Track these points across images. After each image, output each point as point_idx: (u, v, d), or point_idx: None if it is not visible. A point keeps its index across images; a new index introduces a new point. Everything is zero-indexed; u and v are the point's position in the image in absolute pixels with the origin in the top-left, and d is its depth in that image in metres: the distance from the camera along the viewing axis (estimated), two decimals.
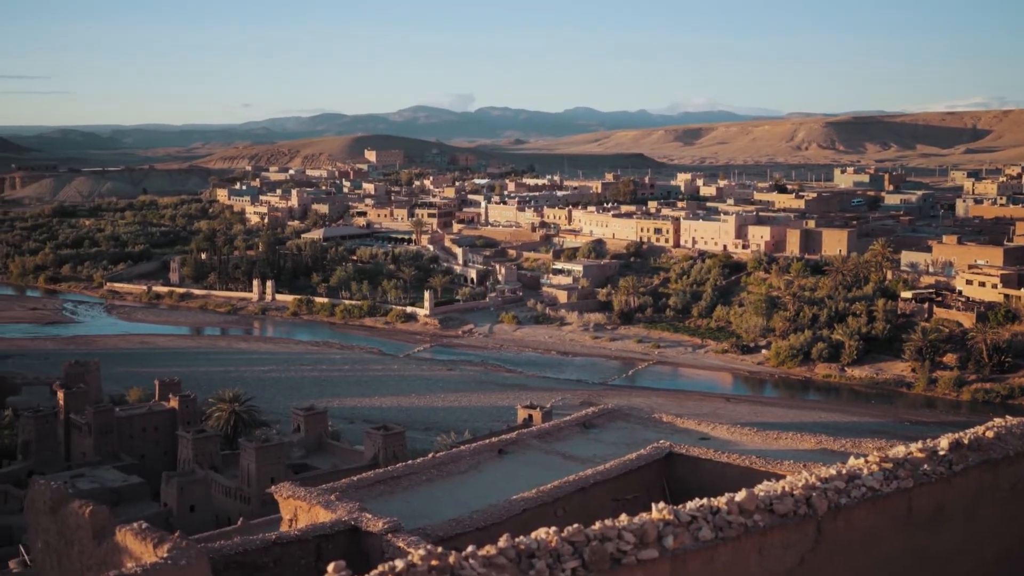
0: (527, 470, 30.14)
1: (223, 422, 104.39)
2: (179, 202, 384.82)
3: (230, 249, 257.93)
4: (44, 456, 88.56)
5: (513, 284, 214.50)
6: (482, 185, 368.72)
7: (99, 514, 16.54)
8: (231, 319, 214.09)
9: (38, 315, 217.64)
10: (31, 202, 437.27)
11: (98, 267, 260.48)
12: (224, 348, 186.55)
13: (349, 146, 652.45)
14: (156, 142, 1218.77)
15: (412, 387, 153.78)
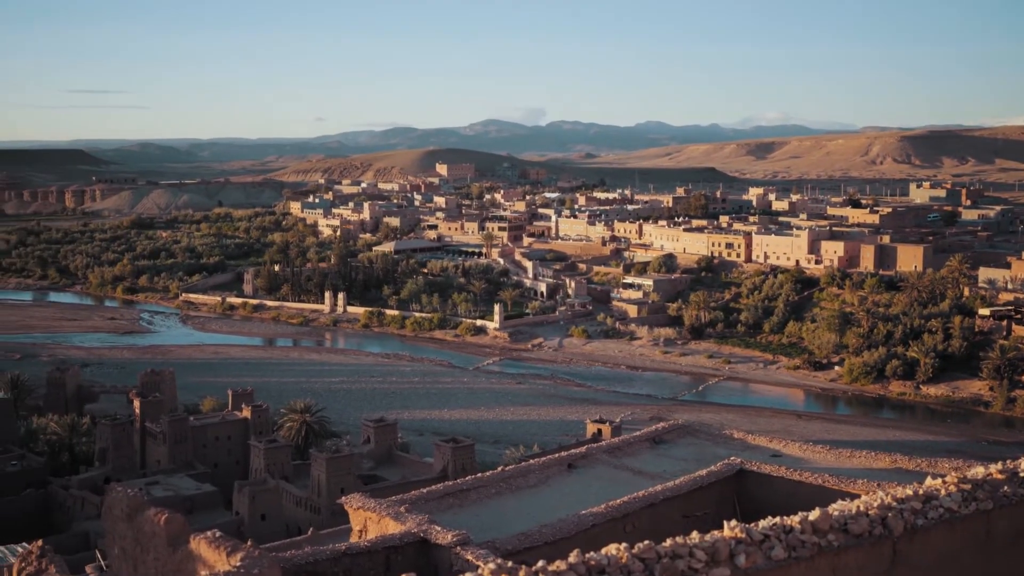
0: (596, 485, 29.99)
1: (294, 432, 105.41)
2: (253, 214, 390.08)
3: (303, 261, 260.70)
4: (120, 463, 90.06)
5: (583, 298, 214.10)
6: (553, 199, 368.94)
7: (174, 522, 16.76)
8: (303, 331, 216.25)
9: (116, 325, 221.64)
10: (110, 214, 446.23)
11: (174, 278, 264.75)
12: (296, 359, 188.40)
13: (421, 160, 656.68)
14: (232, 155, 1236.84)
15: (481, 400, 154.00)
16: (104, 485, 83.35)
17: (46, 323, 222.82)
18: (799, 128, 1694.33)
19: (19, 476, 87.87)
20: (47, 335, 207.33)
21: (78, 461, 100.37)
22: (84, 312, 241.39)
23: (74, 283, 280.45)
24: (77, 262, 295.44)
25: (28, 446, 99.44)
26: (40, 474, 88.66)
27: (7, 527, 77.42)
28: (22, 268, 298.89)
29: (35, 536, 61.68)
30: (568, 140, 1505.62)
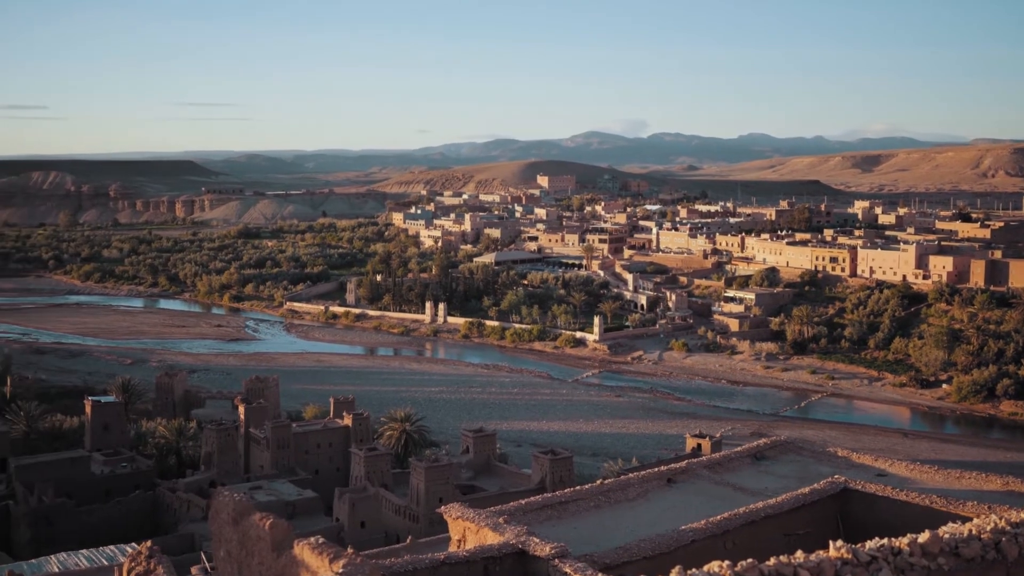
0: (696, 500, 29.69)
1: (394, 441, 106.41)
2: (356, 225, 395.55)
3: (404, 271, 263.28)
4: (225, 468, 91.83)
5: (683, 311, 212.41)
6: (654, 211, 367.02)
7: (279, 527, 17.02)
8: (404, 340, 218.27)
9: (222, 332, 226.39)
10: (218, 223, 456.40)
11: (279, 287, 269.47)
12: (396, 368, 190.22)
13: (522, 171, 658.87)
14: (336, 167, 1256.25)
15: (580, 412, 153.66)
16: (209, 489, 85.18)
17: (156, 329, 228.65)
18: (907, 140, 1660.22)
19: (129, 478, 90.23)
20: (157, 341, 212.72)
21: (184, 464, 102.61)
22: (192, 319, 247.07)
23: (183, 291, 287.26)
24: (186, 270, 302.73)
25: (137, 449, 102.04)
26: (149, 476, 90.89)
27: (117, 527, 79.53)
28: (134, 275, 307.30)
29: (143, 536, 63.28)
30: (670, 152, 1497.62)
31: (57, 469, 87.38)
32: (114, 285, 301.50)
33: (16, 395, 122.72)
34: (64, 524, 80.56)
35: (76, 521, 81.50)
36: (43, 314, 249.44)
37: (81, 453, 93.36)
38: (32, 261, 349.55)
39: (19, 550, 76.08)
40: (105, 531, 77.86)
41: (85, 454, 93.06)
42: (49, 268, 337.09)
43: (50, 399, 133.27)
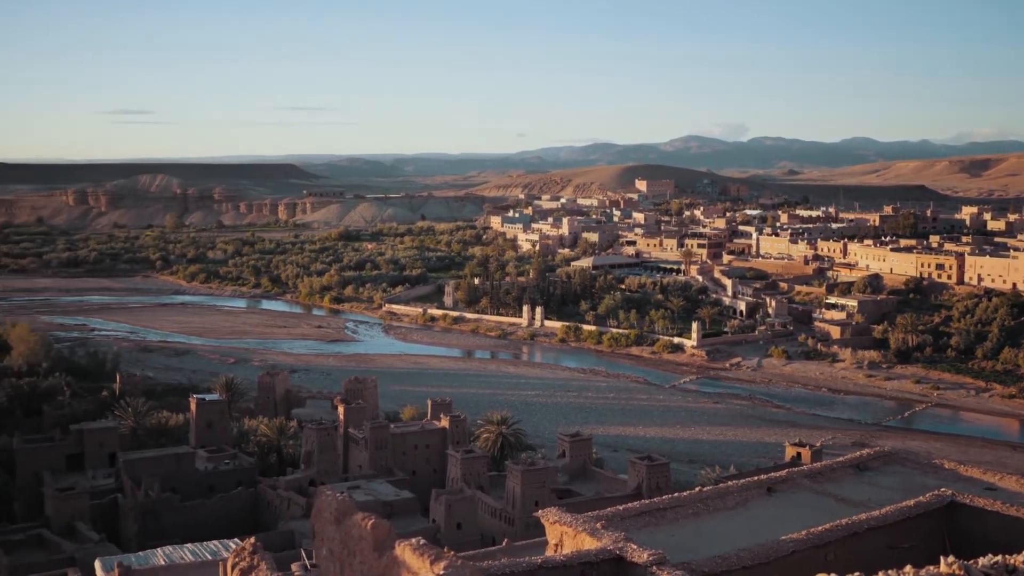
0: (796, 510, 29.24)
1: (491, 443, 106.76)
2: (455, 228, 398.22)
3: (502, 275, 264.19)
4: (324, 467, 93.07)
5: (783, 317, 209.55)
6: (753, 216, 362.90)
7: (381, 527, 17.20)
8: (501, 343, 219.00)
9: (323, 333, 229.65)
10: (319, 226, 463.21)
11: (378, 289, 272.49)
12: (493, 371, 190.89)
13: (620, 175, 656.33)
14: (435, 170, 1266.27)
15: (677, 418, 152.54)
16: (309, 487, 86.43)
17: (258, 329, 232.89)
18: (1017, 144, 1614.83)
19: (231, 475, 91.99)
20: (259, 341, 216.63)
21: (285, 463, 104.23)
22: (293, 320, 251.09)
23: (285, 292, 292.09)
24: (288, 272, 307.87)
25: (240, 446, 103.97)
26: (250, 474, 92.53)
27: (219, 523, 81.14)
28: (237, 276, 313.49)
29: (245, 532, 64.47)
30: (770, 156, 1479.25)
31: (163, 465, 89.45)
32: (218, 286, 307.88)
33: (124, 392, 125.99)
34: (169, 518, 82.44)
35: (181, 515, 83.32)
36: (150, 313, 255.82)
37: (186, 449, 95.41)
38: (140, 262, 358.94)
39: (126, 542, 78.05)
40: (208, 526, 79.44)
41: (190, 451, 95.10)
42: (156, 269, 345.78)
43: (156, 396, 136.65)
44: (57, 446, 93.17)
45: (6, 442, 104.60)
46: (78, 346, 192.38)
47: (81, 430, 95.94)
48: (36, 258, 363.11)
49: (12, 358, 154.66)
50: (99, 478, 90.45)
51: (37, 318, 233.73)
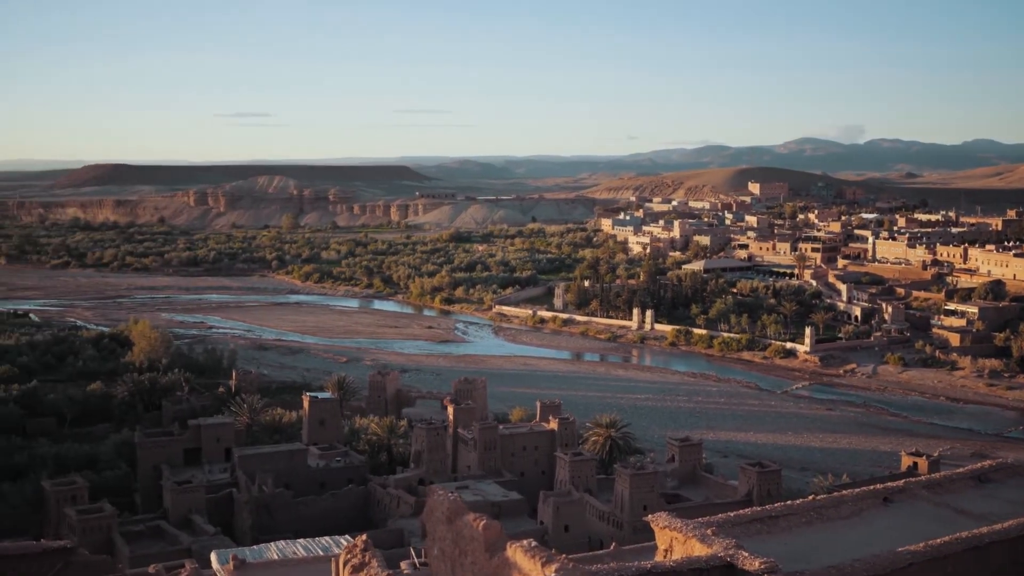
0: (914, 522, 28.58)
1: (599, 447, 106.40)
2: (565, 230, 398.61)
3: (612, 277, 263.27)
4: (434, 466, 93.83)
5: (900, 324, 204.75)
6: (870, 220, 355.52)
7: (492, 528, 17.27)
8: (610, 346, 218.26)
9: (433, 333, 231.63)
10: (431, 227, 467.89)
11: (488, 290, 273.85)
12: (602, 374, 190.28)
13: (732, 178, 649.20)
14: (546, 172, 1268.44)
15: (788, 425, 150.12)
16: (418, 486, 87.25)
17: (370, 329, 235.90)
18: None
19: (342, 472, 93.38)
20: (371, 340, 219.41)
21: (395, 461, 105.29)
22: (404, 320, 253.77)
23: (396, 292, 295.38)
24: (400, 272, 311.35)
25: (351, 444, 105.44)
26: (361, 472, 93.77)
27: (330, 519, 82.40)
28: (350, 276, 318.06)
29: (355, 529, 65.28)
30: (887, 159, 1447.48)
31: (276, 461, 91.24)
32: (332, 285, 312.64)
33: (240, 389, 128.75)
34: (282, 513, 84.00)
35: (293, 511, 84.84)
36: (266, 312, 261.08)
37: (298, 446, 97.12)
38: (257, 261, 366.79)
39: (240, 536, 79.72)
40: (319, 522, 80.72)
41: (302, 447, 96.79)
42: (272, 268, 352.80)
43: (271, 393, 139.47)
44: (176, 440, 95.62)
45: (128, 436, 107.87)
46: (197, 343, 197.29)
47: (199, 425, 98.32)
48: (158, 257, 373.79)
49: (134, 354, 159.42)
50: (215, 472, 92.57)
51: (158, 315, 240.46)
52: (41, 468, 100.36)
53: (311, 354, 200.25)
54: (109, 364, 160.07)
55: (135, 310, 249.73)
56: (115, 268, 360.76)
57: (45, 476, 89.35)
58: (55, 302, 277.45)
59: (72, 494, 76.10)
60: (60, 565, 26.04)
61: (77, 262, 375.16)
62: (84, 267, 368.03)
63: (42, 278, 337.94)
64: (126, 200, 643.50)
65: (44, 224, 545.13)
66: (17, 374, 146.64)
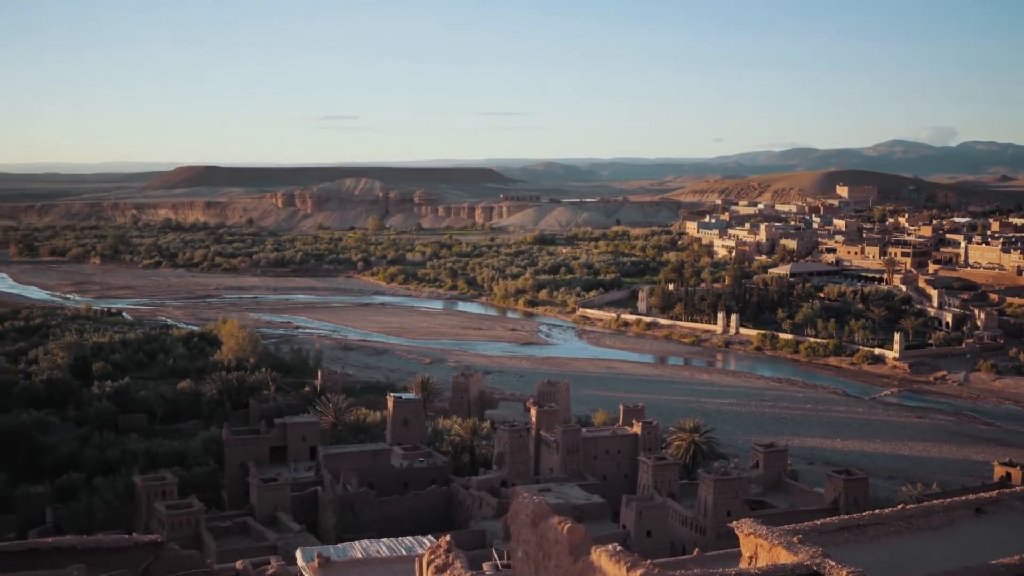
0: (1008, 534, 27.88)
1: (683, 451, 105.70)
2: (649, 233, 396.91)
3: (697, 281, 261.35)
4: (516, 468, 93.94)
5: (993, 331, 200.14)
6: (962, 224, 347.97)
7: (576, 532, 17.22)
8: (694, 350, 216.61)
9: (516, 335, 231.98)
10: (515, 229, 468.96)
11: (572, 293, 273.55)
12: (686, 378, 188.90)
13: (820, 181, 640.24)
14: (630, 175, 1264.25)
15: (876, 432, 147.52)
16: (500, 488, 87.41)
17: (454, 331, 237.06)
18: None
19: (425, 472, 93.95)
20: (454, 342, 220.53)
21: (477, 463, 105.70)
22: (488, 322, 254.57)
23: (480, 294, 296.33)
24: (484, 274, 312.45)
25: (434, 445, 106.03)
26: (444, 472, 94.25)
27: (413, 519, 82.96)
28: (435, 278, 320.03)
29: (437, 530, 65.67)
30: (981, 161, 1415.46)
31: (361, 460, 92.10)
32: (416, 287, 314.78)
33: (325, 388, 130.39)
34: (366, 512, 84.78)
35: (377, 510, 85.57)
36: (351, 313, 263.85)
37: (382, 446, 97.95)
38: (343, 262, 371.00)
39: (324, 534, 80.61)
40: (402, 522, 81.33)
41: (386, 447, 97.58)
42: (358, 269, 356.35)
43: (355, 393, 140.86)
44: (262, 439, 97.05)
45: (216, 433, 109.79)
46: (283, 343, 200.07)
47: (285, 424, 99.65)
48: (246, 258, 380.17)
49: (222, 353, 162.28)
50: (300, 471, 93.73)
51: (246, 315, 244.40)
52: (132, 463, 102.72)
53: (395, 355, 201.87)
54: (198, 362, 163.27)
55: (224, 310, 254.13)
56: (205, 268, 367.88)
57: (136, 471, 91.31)
58: (147, 301, 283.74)
59: (162, 489, 77.61)
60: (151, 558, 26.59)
61: (168, 262, 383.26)
62: (175, 267, 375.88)
63: (135, 277, 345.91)
64: (216, 202, 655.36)
65: (137, 225, 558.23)
66: (110, 371, 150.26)
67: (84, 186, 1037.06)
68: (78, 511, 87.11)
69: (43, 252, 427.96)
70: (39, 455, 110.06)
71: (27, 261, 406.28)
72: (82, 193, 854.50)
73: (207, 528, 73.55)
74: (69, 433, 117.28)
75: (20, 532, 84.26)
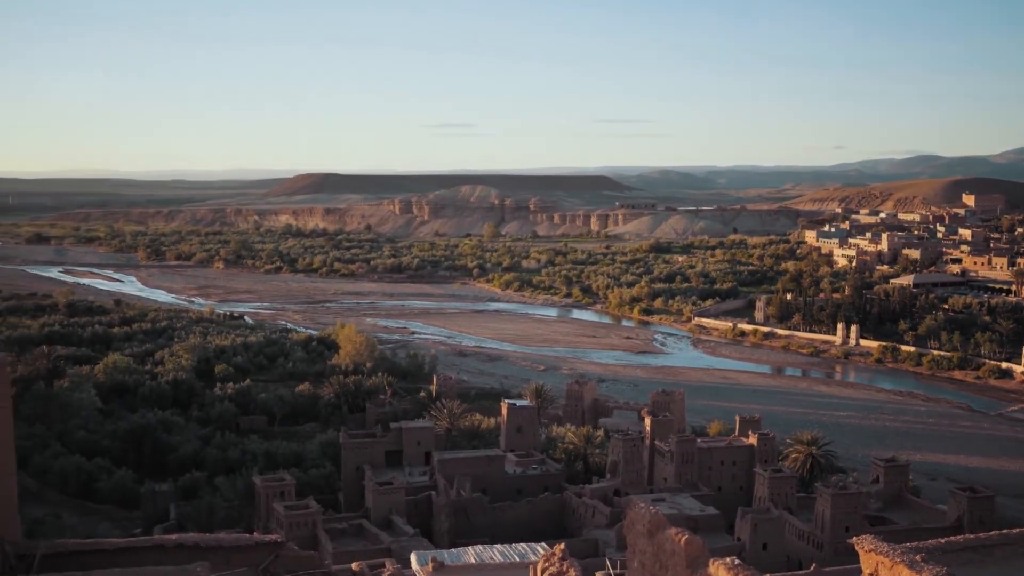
0: None
1: (800, 464, 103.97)
2: (767, 242, 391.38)
3: (816, 291, 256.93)
4: (630, 478, 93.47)
5: None
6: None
7: (694, 544, 17.06)
8: (812, 361, 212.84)
9: (631, 344, 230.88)
10: (631, 237, 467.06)
11: (687, 302, 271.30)
12: (804, 390, 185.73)
13: (945, 189, 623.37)
14: (748, 183, 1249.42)
15: (1003, 448, 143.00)
16: (614, 497, 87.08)
17: (568, 338, 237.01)
18: None
19: (539, 479, 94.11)
20: (568, 349, 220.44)
21: (591, 471, 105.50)
22: (602, 330, 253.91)
23: (595, 302, 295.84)
24: (599, 282, 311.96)
25: (547, 452, 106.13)
26: (557, 480, 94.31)
27: (525, 526, 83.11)
28: (549, 286, 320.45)
29: (550, 537, 65.60)
30: None
31: (475, 466, 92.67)
32: (531, 294, 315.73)
33: (440, 394, 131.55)
34: (479, 518, 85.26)
35: (489, 516, 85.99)
36: (466, 319, 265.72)
37: (496, 452, 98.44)
38: (458, 269, 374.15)
39: (438, 538, 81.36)
40: (515, 528, 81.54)
41: (500, 453, 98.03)
42: (473, 276, 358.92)
43: (470, 399, 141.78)
44: (378, 442, 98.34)
45: (332, 436, 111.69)
46: (399, 348, 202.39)
47: (400, 428, 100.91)
48: (364, 264, 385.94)
49: (340, 357, 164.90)
50: (415, 475, 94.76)
51: (363, 320, 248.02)
52: (252, 464, 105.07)
53: (510, 362, 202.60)
54: (316, 366, 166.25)
55: (342, 314, 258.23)
56: (324, 273, 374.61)
57: (256, 472, 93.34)
58: (267, 305, 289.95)
59: (281, 490, 79.24)
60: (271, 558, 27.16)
61: (288, 267, 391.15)
62: (295, 272, 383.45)
63: (256, 282, 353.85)
64: (335, 208, 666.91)
65: (259, 231, 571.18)
66: (232, 373, 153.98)
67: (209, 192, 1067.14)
68: (200, 509, 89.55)
69: (169, 256, 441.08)
70: (164, 454, 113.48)
71: (154, 265, 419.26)
72: (207, 199, 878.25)
73: (324, 529, 74.83)
74: (192, 433, 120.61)
75: (145, 528, 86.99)
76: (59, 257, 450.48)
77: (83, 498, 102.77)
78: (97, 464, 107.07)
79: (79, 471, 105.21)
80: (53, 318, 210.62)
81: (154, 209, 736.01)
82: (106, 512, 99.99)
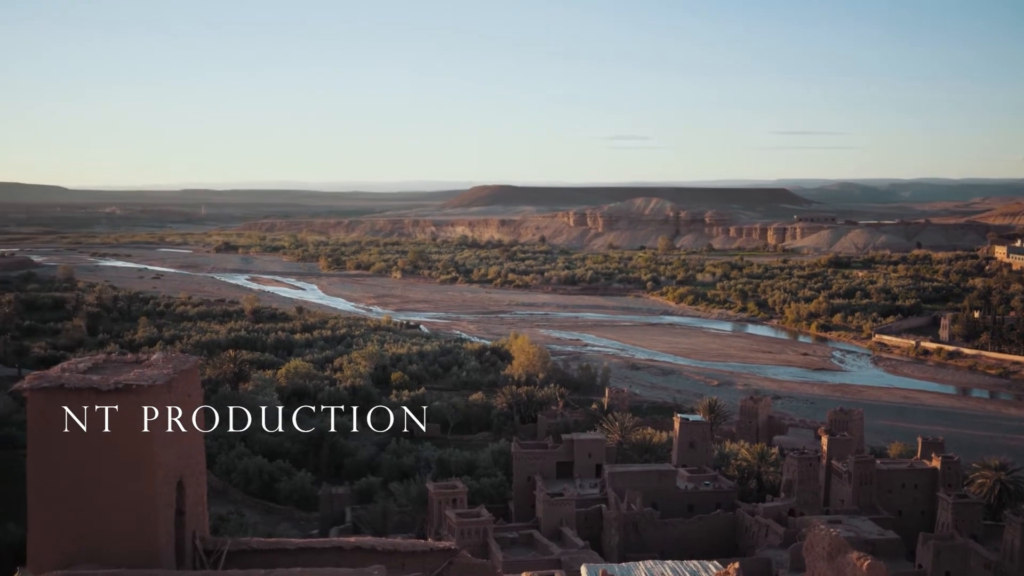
0: None
1: (987, 490, 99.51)
2: (953, 257, 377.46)
3: (1006, 309, 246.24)
4: (805, 497, 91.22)
5: None
6: None
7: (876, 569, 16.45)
8: (1002, 382, 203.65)
9: (808, 360, 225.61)
10: (809, 251, 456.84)
11: (867, 318, 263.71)
12: (991, 412, 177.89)
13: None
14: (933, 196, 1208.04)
15: None
16: (788, 516, 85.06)
17: (742, 353, 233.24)
18: None
19: (711, 496, 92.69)
20: (742, 364, 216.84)
21: (764, 489, 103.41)
22: (778, 345, 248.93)
23: (771, 317, 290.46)
24: (775, 297, 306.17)
25: (720, 469, 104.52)
26: (729, 497, 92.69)
27: (696, 543, 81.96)
28: (724, 300, 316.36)
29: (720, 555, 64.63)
30: None
31: (646, 480, 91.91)
32: (705, 308, 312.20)
33: (612, 406, 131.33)
34: (649, 533, 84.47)
35: (660, 531, 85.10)
36: (639, 332, 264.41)
37: (668, 467, 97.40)
38: (632, 281, 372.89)
39: (607, 551, 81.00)
40: (685, 544, 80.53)
41: (671, 468, 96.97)
42: (647, 289, 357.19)
43: (641, 413, 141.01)
44: (549, 453, 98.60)
45: (504, 446, 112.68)
46: (572, 360, 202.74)
47: (572, 440, 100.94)
48: (538, 275, 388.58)
49: (513, 367, 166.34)
50: (585, 487, 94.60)
51: (536, 331, 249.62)
52: (426, 470, 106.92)
53: (683, 376, 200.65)
54: (489, 376, 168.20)
55: (515, 325, 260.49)
56: (498, 284, 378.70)
57: (429, 478, 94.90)
58: (443, 315, 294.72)
59: (453, 497, 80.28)
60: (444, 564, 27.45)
61: (464, 278, 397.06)
62: (470, 282, 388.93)
63: (432, 291, 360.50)
64: (510, 219, 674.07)
65: (435, 241, 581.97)
66: (407, 381, 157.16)
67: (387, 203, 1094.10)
68: (374, 513, 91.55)
69: (349, 265, 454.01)
70: (341, 457, 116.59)
71: (335, 274, 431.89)
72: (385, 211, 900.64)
73: (494, 538, 75.40)
74: (368, 438, 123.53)
75: (322, 529, 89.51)
76: (246, 265, 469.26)
77: (264, 498, 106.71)
78: (278, 466, 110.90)
79: (261, 472, 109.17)
80: (239, 324, 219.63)
81: (335, 220, 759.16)
82: (286, 512, 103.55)
